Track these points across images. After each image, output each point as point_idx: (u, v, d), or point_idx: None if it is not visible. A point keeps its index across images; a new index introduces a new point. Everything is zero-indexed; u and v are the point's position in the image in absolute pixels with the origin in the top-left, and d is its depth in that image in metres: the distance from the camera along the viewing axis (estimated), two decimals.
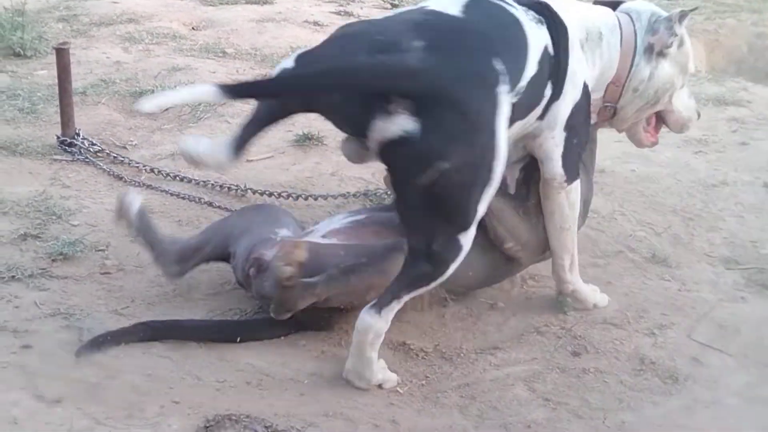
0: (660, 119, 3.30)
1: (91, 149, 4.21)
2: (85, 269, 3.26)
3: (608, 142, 4.60)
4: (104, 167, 4.08)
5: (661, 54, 3.06)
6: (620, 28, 3.05)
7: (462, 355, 2.92)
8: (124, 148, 4.37)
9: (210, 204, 3.79)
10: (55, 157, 4.17)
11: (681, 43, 3.10)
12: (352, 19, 7.21)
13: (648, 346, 2.98)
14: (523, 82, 2.65)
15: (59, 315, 2.93)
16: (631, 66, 3.06)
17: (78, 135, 4.26)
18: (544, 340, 3.00)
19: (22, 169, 4.03)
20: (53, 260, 3.27)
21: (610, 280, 3.37)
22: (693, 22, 6.85)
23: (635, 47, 3.05)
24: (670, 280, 3.41)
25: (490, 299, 3.23)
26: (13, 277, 3.12)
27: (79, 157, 4.14)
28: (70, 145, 4.19)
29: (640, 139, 3.37)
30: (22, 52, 5.69)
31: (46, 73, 5.37)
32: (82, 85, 5.02)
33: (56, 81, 4.39)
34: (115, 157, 4.18)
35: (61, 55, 4.31)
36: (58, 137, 4.28)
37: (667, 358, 2.91)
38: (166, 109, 4.51)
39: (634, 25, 3.07)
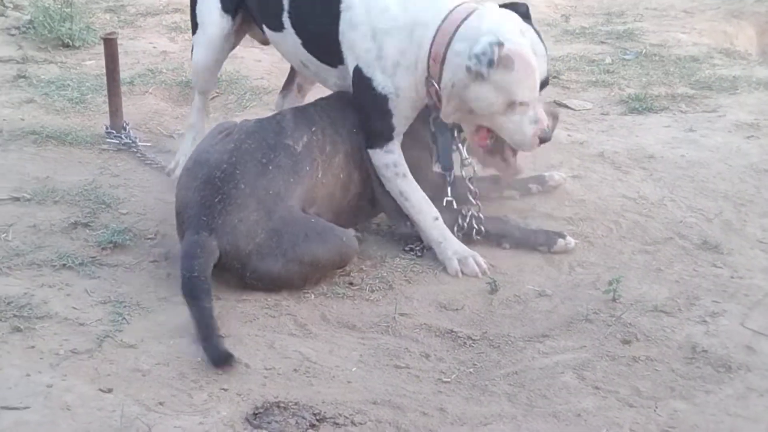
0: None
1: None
2: (134, 258, 3.29)
3: (657, 128, 4.57)
4: (151, 157, 4.11)
5: (480, 75, 3.01)
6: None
7: (510, 342, 2.90)
8: (171, 137, 4.41)
9: None
10: (104, 146, 4.22)
11: (506, 73, 3.02)
12: None
13: (700, 333, 2.93)
14: None
15: (109, 303, 2.97)
16: (446, 51, 3.10)
17: (126, 125, 4.30)
18: (593, 328, 2.96)
19: (71, 159, 4.08)
20: (103, 248, 3.30)
21: (661, 267, 3.32)
22: (743, 5, 6.76)
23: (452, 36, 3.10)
24: (722, 266, 3.35)
25: (537, 286, 3.21)
26: (64, 265, 3.16)
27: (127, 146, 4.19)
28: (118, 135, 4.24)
29: (470, 144, 3.40)
30: (70, 43, 5.76)
31: (94, 63, 5.43)
32: (130, 75, 5.06)
33: (104, 71, 4.44)
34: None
35: (109, 45, 4.35)
36: (107, 127, 4.32)
37: (719, 346, 2.86)
38: (212, 97, 4.53)
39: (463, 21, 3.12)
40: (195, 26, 3.88)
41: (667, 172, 4.08)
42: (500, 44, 2.98)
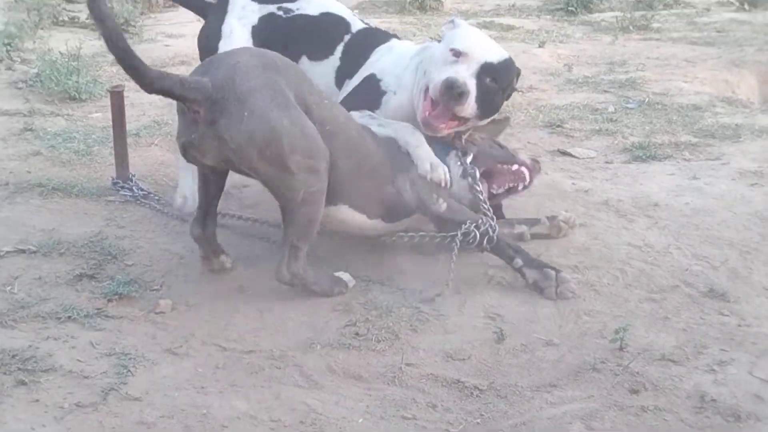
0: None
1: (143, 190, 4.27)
2: (140, 309, 3.28)
3: (661, 176, 4.58)
4: (158, 207, 4.13)
5: None
6: None
7: (517, 392, 2.88)
8: (176, 188, 4.41)
9: (265, 239, 3.84)
10: (110, 198, 4.23)
11: None
12: None
13: (708, 383, 2.91)
14: None
15: (114, 355, 2.95)
16: None
17: (133, 177, 4.32)
18: (600, 377, 2.94)
19: (77, 210, 4.10)
20: (108, 300, 3.30)
21: (668, 316, 3.31)
22: (744, 54, 6.82)
23: None
24: (729, 314, 3.33)
25: (544, 335, 3.19)
26: (69, 317, 3.16)
27: (133, 197, 4.20)
28: (123, 186, 4.26)
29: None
30: (77, 96, 5.82)
31: (100, 115, 5.48)
32: (136, 127, 5.11)
33: (110, 123, 4.47)
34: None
35: (116, 97, 4.39)
36: (113, 179, 4.34)
37: (728, 396, 2.83)
38: None
39: None
40: None
41: (671, 220, 4.09)
42: None
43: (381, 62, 3.80)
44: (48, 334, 3.04)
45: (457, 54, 3.54)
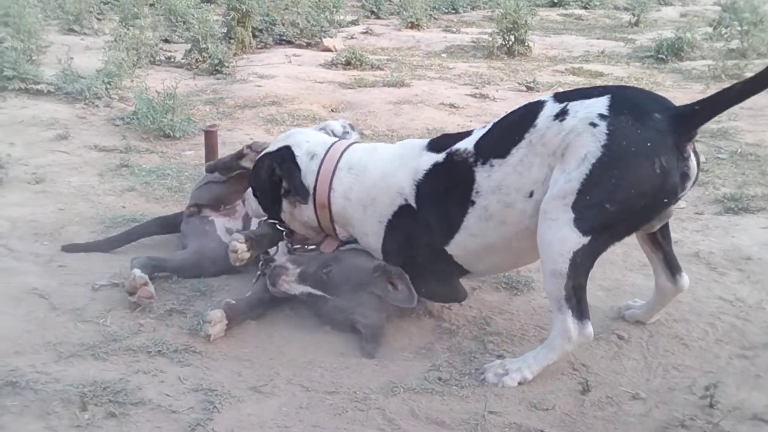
0: None
1: None
2: (227, 346, 3.33)
3: (754, 228, 4.48)
4: None
5: None
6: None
7: None
8: None
9: None
10: None
11: None
12: (487, 102, 7.28)
13: None
14: None
15: (201, 391, 3.00)
16: None
17: None
18: None
19: (169, 246, 4.19)
20: (197, 336, 3.36)
21: (760, 374, 3.21)
22: None
23: None
24: None
25: (631, 388, 3.13)
26: (159, 351, 3.22)
27: None
28: None
29: None
30: (171, 134, 5.98)
31: (193, 153, 5.61)
32: None
33: (202, 161, 4.58)
34: None
35: (210, 136, 4.50)
36: None
37: None
38: None
39: None
40: None
41: (764, 274, 3.98)
42: None
43: None
44: (138, 367, 3.11)
45: None
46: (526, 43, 10.12)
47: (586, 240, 2.97)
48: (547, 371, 3.19)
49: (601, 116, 2.99)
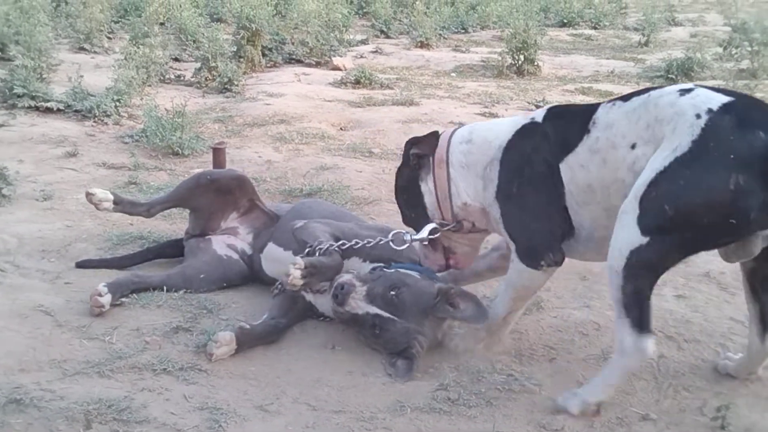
0: None
1: None
2: (233, 364, 3.30)
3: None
4: None
5: None
6: None
7: None
8: None
9: None
10: None
11: None
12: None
13: None
14: None
15: (206, 409, 2.97)
16: None
17: None
18: None
19: (176, 263, 4.16)
20: (202, 354, 3.33)
21: None
22: None
23: None
24: None
25: (641, 409, 3.09)
26: (164, 369, 3.20)
27: None
28: None
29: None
30: (180, 151, 5.98)
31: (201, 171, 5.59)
32: None
33: None
34: None
35: (218, 154, 4.50)
36: None
37: None
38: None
39: None
40: None
41: None
42: None
43: None
44: (143, 385, 3.08)
45: None
46: (536, 63, 10.13)
47: (644, 240, 2.81)
48: (553, 391, 3.15)
49: (709, 110, 2.81)
